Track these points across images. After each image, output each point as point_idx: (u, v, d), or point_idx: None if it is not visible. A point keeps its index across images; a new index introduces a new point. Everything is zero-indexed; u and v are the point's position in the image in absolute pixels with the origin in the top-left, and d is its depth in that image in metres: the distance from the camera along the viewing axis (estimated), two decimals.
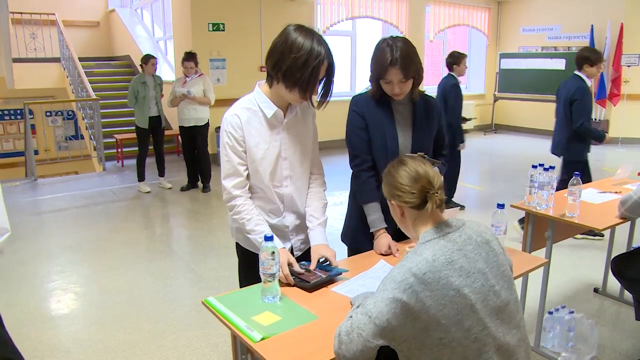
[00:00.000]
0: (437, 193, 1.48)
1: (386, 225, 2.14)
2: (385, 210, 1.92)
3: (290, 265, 1.83)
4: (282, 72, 1.76)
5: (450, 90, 5.20)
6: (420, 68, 2.10)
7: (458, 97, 5.21)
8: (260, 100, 1.88)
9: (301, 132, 1.98)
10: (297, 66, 1.73)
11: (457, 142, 5.25)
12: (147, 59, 6.12)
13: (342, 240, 2.39)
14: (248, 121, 1.86)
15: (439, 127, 2.30)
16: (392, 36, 2.09)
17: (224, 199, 1.92)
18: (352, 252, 2.28)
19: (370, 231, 2.16)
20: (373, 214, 2.16)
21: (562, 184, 4.16)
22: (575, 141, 4.45)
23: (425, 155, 2.07)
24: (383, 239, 2.12)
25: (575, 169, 4.06)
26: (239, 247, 2.10)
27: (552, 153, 4.68)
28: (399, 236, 2.13)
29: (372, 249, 2.17)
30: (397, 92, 2.08)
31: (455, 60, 5.29)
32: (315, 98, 1.91)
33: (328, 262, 1.92)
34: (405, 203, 1.51)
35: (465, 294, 1.33)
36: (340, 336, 1.41)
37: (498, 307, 1.39)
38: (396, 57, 2.00)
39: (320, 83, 1.84)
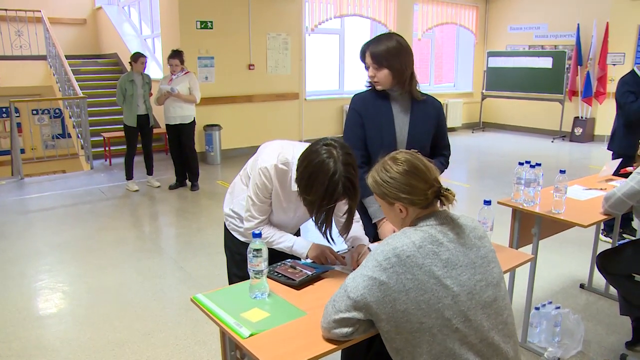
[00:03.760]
0: (448, 190, 1.49)
1: None
2: None
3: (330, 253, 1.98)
4: (304, 204, 1.82)
5: None
6: (402, 65, 2.18)
7: None
8: (294, 170, 1.88)
9: None
10: (312, 208, 1.77)
11: None
12: (137, 57, 6.08)
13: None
14: (279, 182, 1.96)
15: (439, 127, 2.36)
16: (393, 32, 2.27)
17: (246, 227, 2.06)
18: None
19: (373, 222, 2.21)
20: (373, 205, 2.22)
21: None
22: None
23: (419, 153, 2.11)
24: (387, 225, 2.17)
25: None
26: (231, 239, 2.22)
27: None
28: None
29: (375, 240, 2.21)
30: (371, 74, 2.22)
31: None
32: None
33: (313, 260, 1.96)
34: (414, 205, 1.49)
35: (447, 285, 1.35)
36: (325, 309, 1.48)
37: (484, 301, 1.40)
38: (373, 42, 2.17)
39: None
